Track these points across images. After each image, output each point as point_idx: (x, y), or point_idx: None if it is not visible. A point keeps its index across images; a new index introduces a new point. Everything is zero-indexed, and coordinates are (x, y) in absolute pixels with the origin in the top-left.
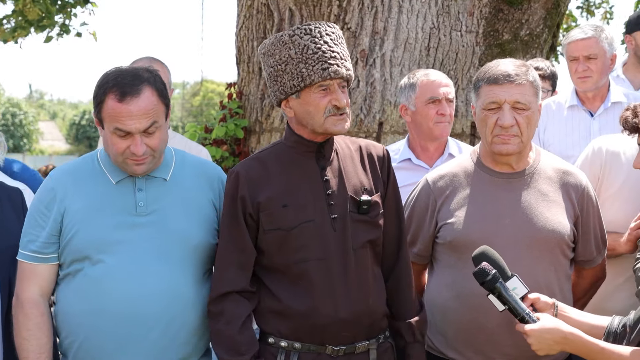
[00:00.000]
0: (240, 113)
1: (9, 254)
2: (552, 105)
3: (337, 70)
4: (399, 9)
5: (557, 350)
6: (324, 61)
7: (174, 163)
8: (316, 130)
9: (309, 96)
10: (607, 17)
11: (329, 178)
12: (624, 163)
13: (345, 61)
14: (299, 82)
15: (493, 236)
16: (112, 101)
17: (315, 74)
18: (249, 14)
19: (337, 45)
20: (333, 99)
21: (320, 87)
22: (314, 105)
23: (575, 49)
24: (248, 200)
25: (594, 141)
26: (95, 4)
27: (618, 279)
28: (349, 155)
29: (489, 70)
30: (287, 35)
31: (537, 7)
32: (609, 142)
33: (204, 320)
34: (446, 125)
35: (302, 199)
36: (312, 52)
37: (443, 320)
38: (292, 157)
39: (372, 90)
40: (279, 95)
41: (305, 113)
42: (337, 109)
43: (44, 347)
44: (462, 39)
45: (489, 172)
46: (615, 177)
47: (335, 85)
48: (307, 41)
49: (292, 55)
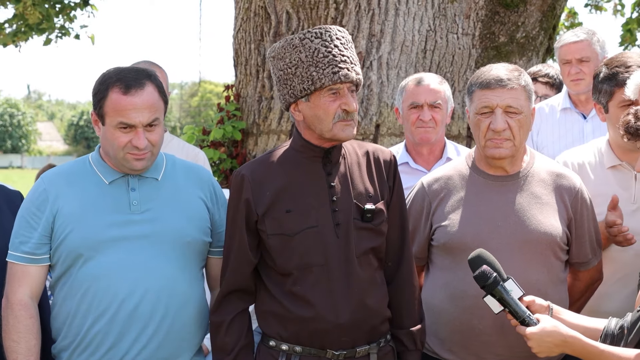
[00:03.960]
0: (237, 115)
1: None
2: (545, 108)
3: (347, 74)
4: (395, 11)
5: (557, 353)
6: (334, 65)
7: (164, 165)
8: (324, 135)
9: (318, 100)
10: (618, 11)
11: (335, 184)
12: (589, 172)
13: (355, 65)
14: (309, 85)
15: (486, 238)
16: (116, 94)
17: (326, 78)
18: (247, 16)
19: (347, 49)
20: (343, 103)
21: (330, 91)
22: (324, 109)
23: (568, 52)
24: (252, 204)
25: (559, 157)
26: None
27: (613, 281)
28: (356, 161)
29: (482, 75)
30: (298, 39)
31: (533, 9)
32: (573, 156)
33: (198, 317)
34: (428, 130)
35: (306, 204)
36: (323, 55)
37: (437, 322)
38: (299, 161)
39: (369, 93)
40: (289, 99)
41: (314, 117)
42: (347, 114)
43: (33, 349)
44: (459, 41)
45: (483, 175)
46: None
47: (345, 89)
48: (318, 44)
49: (303, 58)
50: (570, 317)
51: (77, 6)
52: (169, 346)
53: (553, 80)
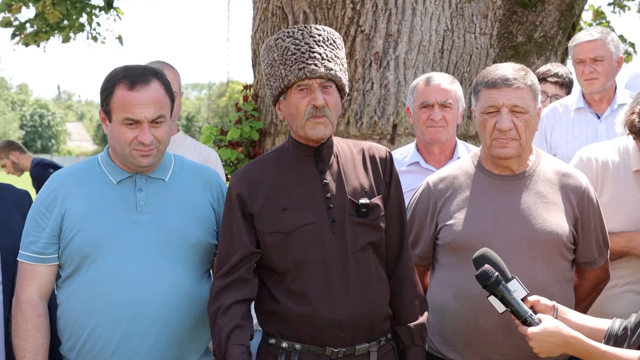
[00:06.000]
0: (255, 115)
1: (15, 255)
2: (559, 108)
3: (313, 70)
4: (412, 11)
5: (559, 353)
6: (301, 61)
7: (172, 166)
8: (299, 133)
9: (290, 97)
10: None
11: (328, 181)
12: (612, 172)
13: (328, 61)
14: (280, 84)
15: (491, 238)
16: (122, 90)
17: (292, 74)
18: (264, 16)
19: (322, 46)
20: (312, 98)
21: (298, 88)
22: (295, 106)
23: (582, 51)
24: (247, 200)
25: (580, 151)
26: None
27: (620, 282)
28: (350, 158)
29: (488, 74)
30: (273, 40)
31: (551, 9)
32: (597, 152)
33: (204, 318)
34: (438, 130)
35: (301, 202)
36: (292, 53)
37: (442, 321)
38: (292, 160)
39: (386, 93)
40: (271, 99)
41: (290, 115)
42: (316, 109)
43: (41, 348)
44: (476, 41)
45: (489, 174)
46: (606, 188)
47: (315, 85)
48: (288, 43)
49: (276, 57)
50: (576, 317)
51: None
52: (176, 347)
53: (563, 80)
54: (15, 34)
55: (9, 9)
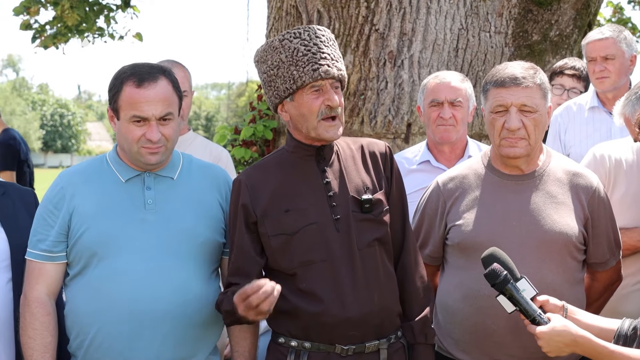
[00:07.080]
0: (269, 114)
1: (23, 252)
2: (572, 107)
3: (327, 70)
4: (427, 10)
5: (567, 352)
6: (314, 62)
7: (181, 164)
8: (310, 134)
9: (302, 98)
10: None
11: (330, 180)
12: (626, 170)
13: (337, 62)
14: (291, 85)
15: (501, 238)
16: (129, 88)
17: (306, 75)
18: (279, 15)
19: (328, 47)
20: (326, 99)
21: (312, 88)
22: (307, 107)
23: (593, 50)
24: (250, 208)
25: (594, 149)
26: (137, 9)
27: (630, 282)
28: (350, 156)
29: (497, 73)
30: (278, 40)
31: (566, 7)
32: (610, 150)
33: (212, 317)
34: (448, 128)
35: (304, 202)
36: (302, 54)
37: (451, 322)
38: (293, 161)
39: (400, 92)
40: (274, 100)
41: (300, 116)
42: (330, 109)
43: (49, 346)
44: (491, 40)
45: (498, 174)
46: (620, 185)
47: (327, 85)
48: (297, 44)
49: (283, 59)
50: (586, 317)
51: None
52: (184, 346)
53: (580, 73)
54: (35, 37)
55: (27, 11)
